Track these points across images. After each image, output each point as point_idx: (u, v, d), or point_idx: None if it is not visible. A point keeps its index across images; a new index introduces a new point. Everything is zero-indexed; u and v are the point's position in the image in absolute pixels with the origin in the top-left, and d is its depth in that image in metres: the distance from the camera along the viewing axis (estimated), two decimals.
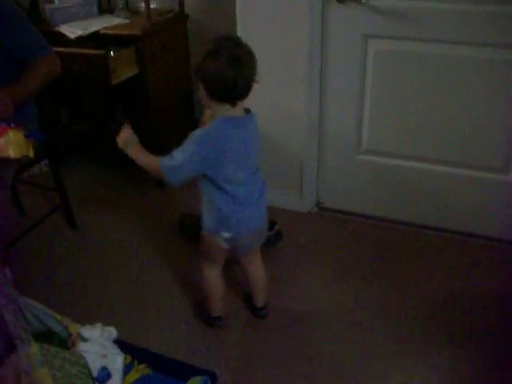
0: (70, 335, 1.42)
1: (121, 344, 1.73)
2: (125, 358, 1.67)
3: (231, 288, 2.06)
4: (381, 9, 2.04)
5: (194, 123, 3.06)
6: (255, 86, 1.52)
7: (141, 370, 1.71)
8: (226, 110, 1.51)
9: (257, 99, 2.29)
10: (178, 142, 1.55)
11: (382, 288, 2.08)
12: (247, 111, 1.61)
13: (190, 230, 2.39)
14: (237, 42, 1.48)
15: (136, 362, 1.72)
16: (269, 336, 1.90)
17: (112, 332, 1.52)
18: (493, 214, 2.26)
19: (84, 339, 1.43)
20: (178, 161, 1.50)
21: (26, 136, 1.75)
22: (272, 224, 2.34)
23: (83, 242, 2.45)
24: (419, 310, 1.98)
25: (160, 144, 2.72)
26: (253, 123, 1.62)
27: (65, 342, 1.41)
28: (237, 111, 1.54)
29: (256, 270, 1.89)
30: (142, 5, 2.59)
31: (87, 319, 1.69)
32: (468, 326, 1.89)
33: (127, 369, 1.68)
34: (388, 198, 2.42)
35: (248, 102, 1.58)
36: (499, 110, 2.07)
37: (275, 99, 2.32)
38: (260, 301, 1.95)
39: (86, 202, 2.72)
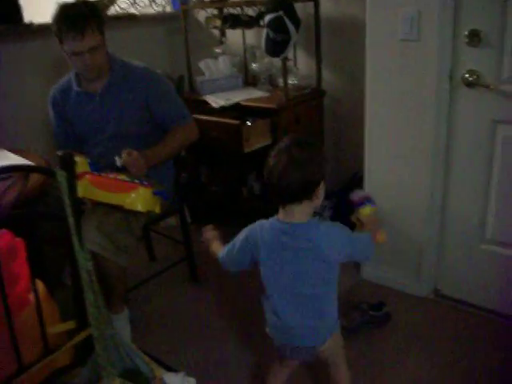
0: (154, 378, 1.53)
1: None
2: None
3: None
4: (510, 95, 1.98)
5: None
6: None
7: None
8: (279, 212, 1.48)
9: (383, 174, 2.34)
10: None
11: None
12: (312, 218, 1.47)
13: None
14: (296, 144, 1.41)
15: None
16: None
17: (192, 382, 1.60)
18: None
19: None
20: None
21: (155, 193, 1.96)
22: (381, 305, 2.28)
23: (201, 295, 2.59)
24: None
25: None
26: (306, 234, 1.44)
27: (149, 383, 1.51)
28: (284, 215, 1.46)
29: (337, 375, 1.69)
30: (282, 80, 2.78)
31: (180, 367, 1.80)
32: None
33: None
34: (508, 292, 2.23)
35: (374, 176, 1.59)
36: None
37: (400, 177, 2.32)
38: None
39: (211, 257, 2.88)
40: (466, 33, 2.01)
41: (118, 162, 2.00)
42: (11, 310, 1.32)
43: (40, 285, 1.56)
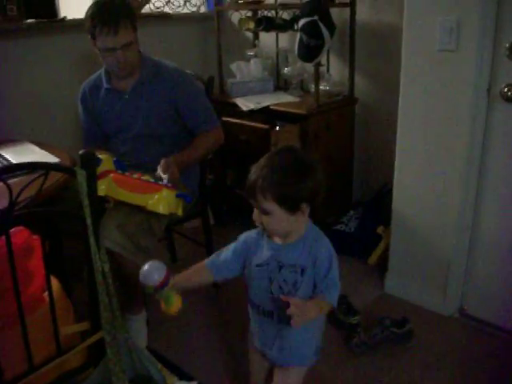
0: None
1: None
2: None
3: None
4: None
5: (349, 204, 3.09)
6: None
7: None
8: None
9: (413, 187, 2.28)
10: (328, 217, 1.53)
11: None
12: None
13: None
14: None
15: None
16: None
17: None
18: None
19: None
20: None
21: (178, 196, 1.93)
22: (404, 321, 2.21)
23: (220, 299, 2.56)
24: None
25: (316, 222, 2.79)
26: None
27: None
28: None
29: None
30: (314, 85, 2.73)
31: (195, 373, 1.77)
32: None
33: None
34: None
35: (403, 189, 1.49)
36: None
37: (430, 190, 2.25)
38: None
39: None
40: (507, 45, 1.93)
41: (162, 175, 1.96)
42: (25, 308, 1.30)
43: (55, 283, 1.54)
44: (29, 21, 2.59)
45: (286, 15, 2.97)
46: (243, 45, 3.30)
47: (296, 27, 2.69)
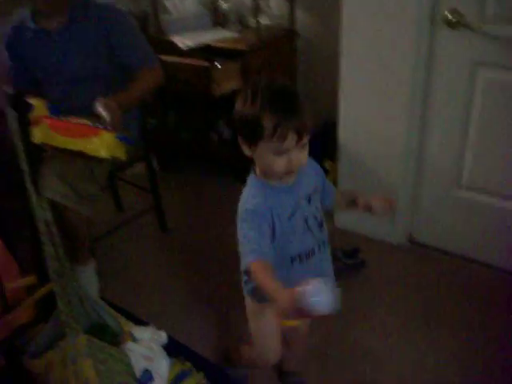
0: (123, 332, 1.46)
1: (183, 349, 1.75)
2: (183, 364, 1.68)
3: None
4: (494, 36, 1.88)
5: None
6: None
7: (198, 378, 1.71)
8: None
9: (358, 120, 2.26)
10: None
11: (463, 336, 1.90)
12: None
13: None
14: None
15: (194, 370, 1.73)
16: (332, 369, 1.81)
17: (162, 336, 1.54)
18: None
19: (134, 339, 1.46)
20: None
21: (118, 138, 1.83)
22: (355, 251, 2.25)
23: (170, 245, 2.52)
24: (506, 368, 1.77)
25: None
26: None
27: (117, 337, 1.45)
28: None
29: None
30: (254, 20, 2.62)
31: (152, 320, 1.74)
32: None
33: (185, 375, 1.70)
34: (486, 240, 2.21)
35: (349, 122, 1.45)
36: None
37: (375, 122, 2.24)
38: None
39: (181, 205, 2.80)
40: None
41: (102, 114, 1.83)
42: None
43: None
44: None
45: None
46: None
47: None
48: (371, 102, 2.22)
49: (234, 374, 1.74)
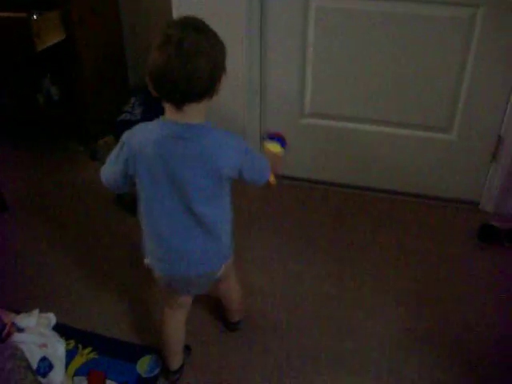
0: (5, 326, 1.31)
1: (61, 328, 1.62)
2: (67, 344, 1.59)
3: None
4: None
5: (127, 91, 2.92)
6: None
7: (86, 354, 1.64)
8: (168, 112, 1.21)
9: None
10: (109, 111, 1.40)
11: (337, 255, 2.06)
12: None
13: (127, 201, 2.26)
14: (192, 28, 1.19)
15: (80, 347, 1.65)
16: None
17: (51, 318, 1.42)
18: (438, 173, 2.27)
19: (20, 329, 1.32)
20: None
21: None
22: None
23: (14, 223, 2.28)
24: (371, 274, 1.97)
25: (91, 112, 2.60)
26: (199, 139, 1.21)
27: None
28: (178, 117, 1.19)
29: (228, 290, 1.64)
30: None
31: (23, 306, 1.58)
32: (420, 287, 1.91)
33: (71, 355, 1.61)
34: (335, 162, 2.38)
35: None
36: (444, 70, 2.05)
37: None
38: (233, 317, 1.75)
39: (17, 181, 2.54)
40: None
41: None
42: None
43: None
44: None
45: None
46: None
47: None
48: None
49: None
